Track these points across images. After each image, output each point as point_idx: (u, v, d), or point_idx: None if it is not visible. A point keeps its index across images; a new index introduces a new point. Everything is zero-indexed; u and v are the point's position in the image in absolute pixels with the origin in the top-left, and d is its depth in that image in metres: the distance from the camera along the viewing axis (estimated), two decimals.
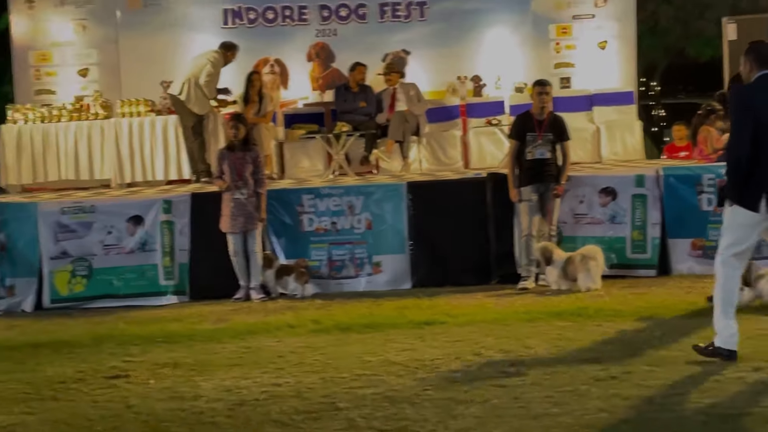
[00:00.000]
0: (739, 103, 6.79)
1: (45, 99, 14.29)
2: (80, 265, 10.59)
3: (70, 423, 6.13)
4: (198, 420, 6.04)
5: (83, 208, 10.74)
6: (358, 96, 13.37)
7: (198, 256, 10.73)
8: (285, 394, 6.53)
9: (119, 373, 7.40)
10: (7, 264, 10.73)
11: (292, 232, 10.91)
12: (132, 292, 10.62)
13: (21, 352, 8.38)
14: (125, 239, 10.67)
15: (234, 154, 10.50)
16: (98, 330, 9.18)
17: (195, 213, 10.78)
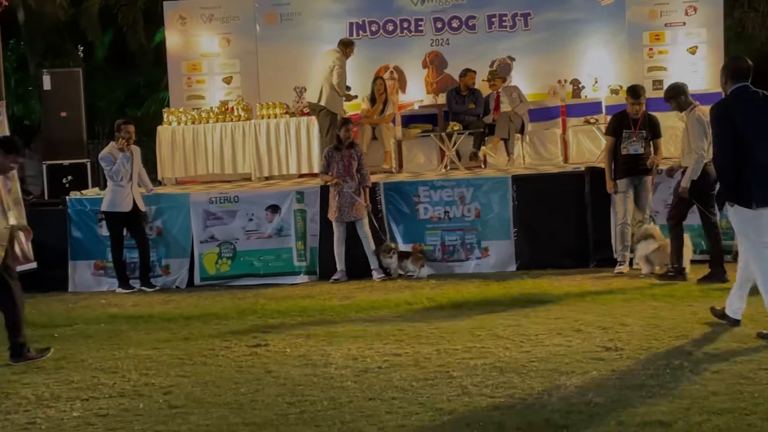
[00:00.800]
0: (717, 115, 6.84)
1: (195, 103, 14.57)
2: (226, 248, 10.80)
3: (218, 385, 6.25)
4: (329, 384, 6.10)
5: (228, 198, 10.94)
6: (467, 98, 13.29)
7: (326, 241, 10.82)
8: (404, 363, 6.54)
9: (260, 342, 7.53)
10: (163, 247, 11.02)
11: (409, 220, 10.92)
12: (270, 272, 10.78)
13: (176, 323, 8.59)
14: (264, 225, 10.84)
15: (341, 153, 10.58)
16: (241, 305, 9.35)
17: (324, 203, 10.87)
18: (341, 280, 10.52)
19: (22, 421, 5.60)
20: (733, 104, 6.84)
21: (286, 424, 5.27)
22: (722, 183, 6.85)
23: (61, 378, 6.63)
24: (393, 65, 14.76)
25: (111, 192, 10.58)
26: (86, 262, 11.09)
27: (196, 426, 5.33)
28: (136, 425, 5.42)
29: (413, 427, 5.07)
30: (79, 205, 11.19)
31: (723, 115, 6.79)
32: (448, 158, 13.03)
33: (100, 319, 8.96)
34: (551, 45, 14.63)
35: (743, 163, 6.68)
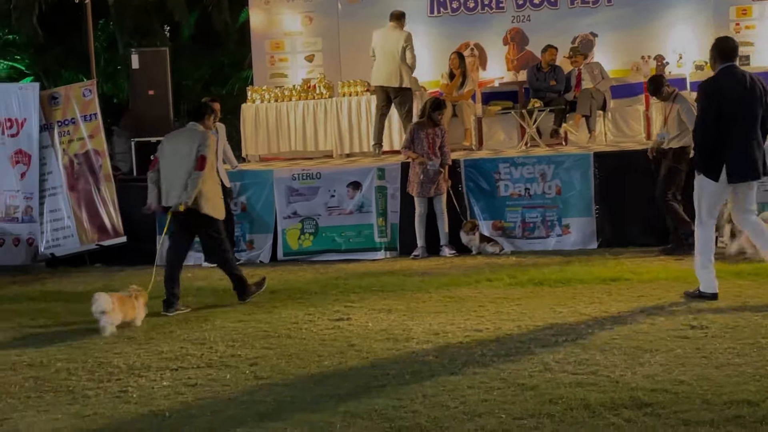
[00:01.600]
0: (706, 92, 7.20)
1: (278, 81, 14.68)
2: (308, 224, 10.89)
3: (302, 357, 6.32)
4: (411, 358, 6.11)
5: (310, 174, 11.02)
6: (548, 75, 13.11)
7: (407, 218, 10.83)
8: (485, 339, 6.52)
9: (342, 316, 7.58)
10: (247, 222, 11.16)
11: (489, 197, 10.86)
12: (351, 247, 10.85)
13: (260, 297, 8.69)
14: (345, 202, 10.91)
15: (425, 131, 10.57)
16: (323, 280, 9.42)
17: (405, 180, 10.87)
18: (421, 257, 10.54)
19: (115, 390, 5.74)
20: (722, 82, 7.18)
21: (368, 397, 5.29)
22: (698, 154, 7.28)
23: (151, 348, 6.78)
24: (473, 42, 14.64)
25: None
26: None
27: (281, 396, 5.40)
28: (224, 395, 5.51)
29: (495, 401, 5.05)
30: None
31: (712, 92, 7.15)
32: (529, 135, 12.90)
33: (187, 291, 9.09)
34: (634, 20, 14.34)
35: (720, 139, 7.08)
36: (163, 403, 5.40)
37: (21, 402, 5.56)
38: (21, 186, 11.51)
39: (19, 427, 5.07)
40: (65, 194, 11.47)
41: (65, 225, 11.42)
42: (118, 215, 11.38)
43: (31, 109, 11.49)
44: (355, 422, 4.86)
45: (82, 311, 8.31)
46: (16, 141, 11.52)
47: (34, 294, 9.41)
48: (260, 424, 4.92)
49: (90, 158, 11.52)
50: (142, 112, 12.94)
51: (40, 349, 6.92)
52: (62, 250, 11.38)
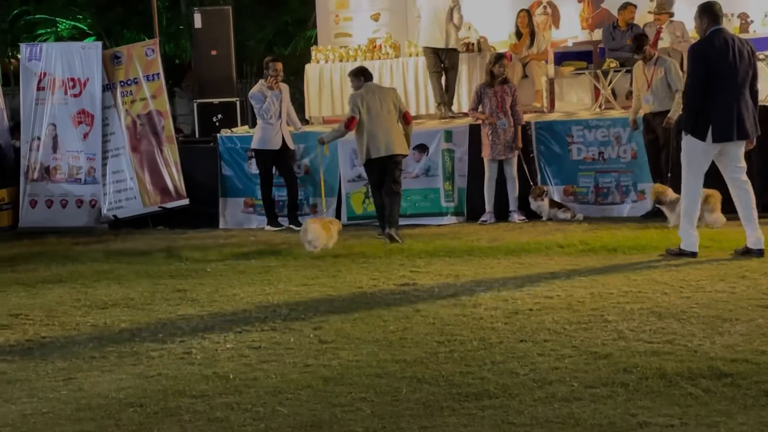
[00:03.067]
0: (695, 54, 7.65)
1: (342, 41, 14.62)
2: None
3: (367, 322, 6.35)
4: (478, 325, 6.11)
5: None
6: (625, 34, 12.84)
7: (474, 182, 10.78)
8: (556, 306, 6.48)
9: (408, 281, 7.60)
10: (311, 185, 11.22)
11: (561, 161, 10.75)
12: (417, 212, 10.83)
13: (323, 261, 8.76)
14: (412, 165, 10.86)
15: (493, 89, 10.47)
16: (388, 244, 9.42)
17: (472, 142, 10.81)
18: (489, 222, 10.49)
19: (179, 351, 5.84)
20: (711, 44, 7.62)
21: (435, 363, 5.31)
22: (687, 114, 7.71)
23: (215, 311, 6.89)
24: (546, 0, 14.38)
25: (260, 130, 10.82)
26: (236, 199, 11.44)
27: (346, 361, 5.44)
28: (288, 358, 5.57)
29: (567, 369, 5.03)
30: (230, 143, 11.51)
31: (702, 55, 7.60)
32: (603, 97, 12.68)
33: (250, 255, 9.24)
34: None
35: (707, 100, 7.52)
36: (227, 365, 5.48)
37: (85, 362, 5.70)
38: (84, 147, 11.72)
39: (84, 386, 5.20)
40: (128, 155, 11.65)
41: (128, 187, 11.61)
42: (180, 177, 11.54)
43: (94, 68, 11.67)
44: (422, 387, 4.88)
45: (145, 273, 8.49)
46: (79, 101, 11.72)
47: (98, 256, 9.60)
48: (325, 388, 4.97)
49: (152, 119, 11.67)
50: (204, 72, 13.04)
51: (104, 311, 7.08)
52: (125, 212, 11.59)
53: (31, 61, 11.85)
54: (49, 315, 6.99)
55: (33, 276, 8.66)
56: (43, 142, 11.77)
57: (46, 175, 11.76)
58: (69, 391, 5.11)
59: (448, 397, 4.72)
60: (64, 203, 11.76)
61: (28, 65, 11.87)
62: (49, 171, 11.76)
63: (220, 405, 4.78)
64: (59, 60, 11.77)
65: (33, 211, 11.73)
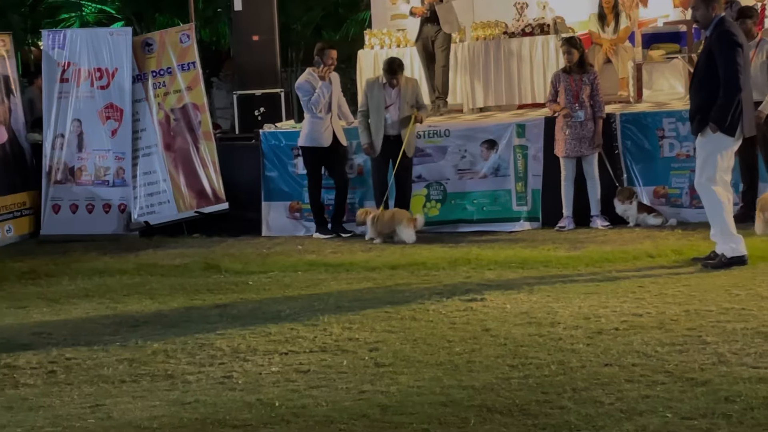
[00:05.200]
0: (734, 42, 7.88)
1: (400, 24, 14.63)
2: (435, 189, 10.90)
3: (429, 343, 6.35)
4: (557, 346, 6.07)
5: (437, 132, 11.02)
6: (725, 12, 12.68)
7: (551, 182, 10.72)
8: (646, 325, 6.43)
9: (475, 296, 7.58)
10: (364, 187, 11.22)
11: (650, 158, 10.64)
12: (485, 217, 10.82)
13: (380, 273, 8.79)
14: (479, 164, 10.86)
15: (570, 77, 10.41)
16: (453, 254, 9.42)
17: (548, 138, 10.75)
18: (568, 228, 10.43)
19: (218, 375, 5.89)
20: (739, 32, 8.06)
21: (508, 389, 5.29)
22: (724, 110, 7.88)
23: (257, 329, 6.94)
24: None
25: (308, 125, 10.87)
26: (281, 203, 11.50)
27: (406, 387, 5.44)
28: (340, 383, 5.59)
29: (659, 398, 4.98)
30: (273, 140, 11.58)
31: (740, 43, 7.91)
32: None
33: (297, 266, 9.29)
34: None
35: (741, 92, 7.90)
36: (272, 390, 5.52)
37: (114, 387, 5.78)
38: (112, 145, 11.88)
39: (113, 414, 5.27)
40: (161, 154, 11.78)
41: (161, 189, 11.73)
42: (219, 179, 11.63)
43: (123, 57, 11.82)
44: (493, 418, 4.87)
45: (180, 286, 8.59)
46: (107, 94, 11.88)
47: (128, 267, 9.72)
48: (383, 417, 4.97)
49: (188, 113, 11.77)
50: (245, 60, 13.16)
51: (135, 329, 7.17)
52: (157, 218, 11.71)
53: (54, 49, 12.03)
54: (75, 334, 7.10)
55: (56, 290, 8.81)
56: (67, 140, 11.93)
57: (71, 177, 11.93)
58: (97, 420, 5.18)
59: (522, 429, 4.70)
60: (91, 208, 11.92)
61: (51, 54, 12.06)
62: (74, 172, 11.92)
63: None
64: (85, 48, 11.93)
65: (56, 217, 11.91)
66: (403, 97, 10.54)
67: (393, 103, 10.53)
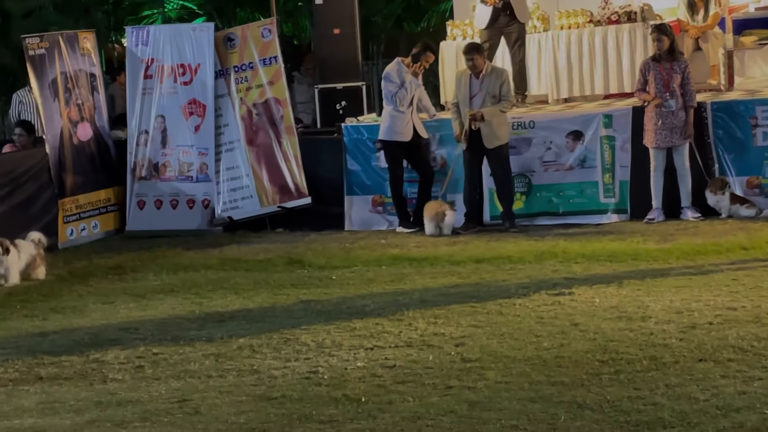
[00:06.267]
0: None
1: None
2: (519, 182, 10.81)
3: (516, 338, 6.32)
4: (649, 341, 6.00)
5: (522, 123, 10.94)
6: None
7: (639, 173, 10.58)
8: (741, 319, 6.33)
9: (563, 290, 7.54)
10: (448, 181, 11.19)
11: (743, 147, 10.45)
12: (571, 209, 10.72)
13: (464, 266, 8.77)
14: (564, 155, 10.76)
15: (660, 65, 10.25)
16: (539, 247, 9.37)
17: (636, 128, 10.61)
18: (657, 220, 10.29)
19: (304, 370, 5.93)
20: None
21: (598, 385, 5.24)
22: None
23: (342, 324, 6.96)
24: None
25: (389, 118, 10.86)
26: (363, 197, 11.52)
27: (493, 383, 5.42)
28: (426, 379, 5.59)
29: (756, 394, 4.90)
30: (356, 134, 11.60)
31: None
32: None
33: (380, 260, 9.30)
34: None
35: None
36: (358, 386, 5.54)
37: (201, 381, 5.85)
38: (195, 140, 12.00)
39: (201, 409, 5.33)
40: (243, 149, 11.87)
41: (243, 185, 11.83)
42: (301, 173, 11.68)
43: (206, 53, 11.93)
44: (583, 414, 4.83)
45: (264, 281, 8.67)
46: (190, 89, 12.00)
47: (212, 262, 9.83)
48: (470, 413, 4.96)
49: (270, 108, 11.85)
50: (326, 54, 13.19)
51: (220, 324, 7.25)
52: (240, 213, 11.81)
53: (137, 46, 12.20)
54: (161, 329, 7.20)
55: (142, 285, 8.94)
56: (151, 137, 12.09)
57: (155, 173, 12.08)
58: (184, 415, 5.25)
59: (614, 426, 4.65)
60: (175, 203, 12.06)
61: (135, 51, 12.23)
62: (158, 168, 12.08)
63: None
64: (168, 44, 12.06)
65: (141, 213, 12.08)
66: (486, 87, 10.47)
67: (477, 94, 10.46)
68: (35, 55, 11.41)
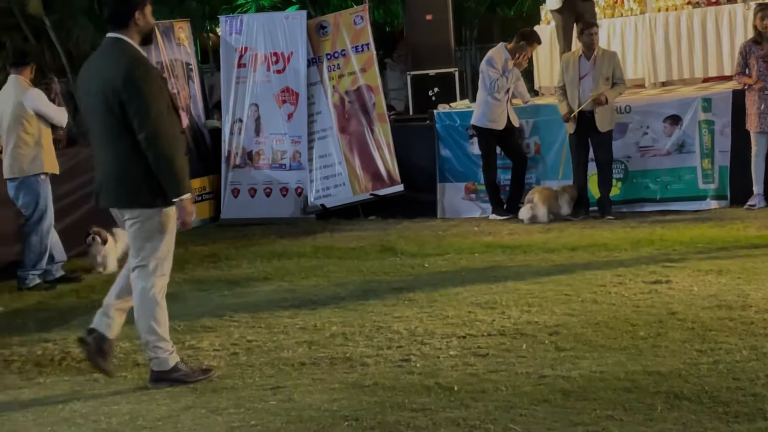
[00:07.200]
0: None
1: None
2: (616, 168, 10.67)
3: (612, 326, 6.25)
4: (749, 330, 5.89)
5: (618, 108, 10.76)
6: None
7: (740, 158, 10.37)
8: None
9: (660, 278, 7.43)
10: (541, 166, 11.12)
11: None
12: (669, 196, 10.59)
13: (558, 254, 8.71)
14: (662, 140, 10.61)
15: (761, 47, 10.03)
16: (635, 234, 9.26)
17: (736, 112, 10.40)
18: (758, 206, 10.09)
19: (396, 358, 5.94)
20: None
21: (696, 375, 5.16)
22: None
23: (435, 312, 6.96)
24: None
25: (484, 105, 10.82)
26: (456, 184, 11.50)
27: (588, 372, 5.37)
28: (519, 367, 5.56)
29: None
30: (448, 120, 11.58)
31: None
32: None
33: (473, 248, 9.28)
34: None
35: None
36: (451, 374, 5.53)
37: (294, 369, 5.90)
38: (288, 128, 12.11)
39: (294, 396, 5.38)
40: (336, 137, 11.94)
41: (336, 172, 11.90)
42: (394, 161, 11.71)
43: (298, 40, 12.02)
44: (681, 405, 4.76)
45: (357, 269, 8.71)
46: (283, 78, 12.11)
47: (305, 250, 9.91)
48: (565, 403, 4.92)
49: (362, 95, 11.89)
50: (418, 40, 13.18)
51: (314, 311, 7.31)
52: (333, 201, 11.89)
53: (231, 35, 12.34)
54: (255, 316, 7.28)
55: (237, 273, 9.06)
56: (245, 125, 12.24)
57: (249, 161, 12.23)
58: (278, 402, 5.30)
59: (713, 417, 4.58)
60: (268, 191, 12.19)
61: (228, 40, 12.37)
62: (252, 156, 12.22)
63: (444, 420, 4.82)
64: (261, 33, 12.18)
65: (235, 201, 12.24)
66: (599, 69, 10.32)
67: (586, 75, 10.31)
68: None
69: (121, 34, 5.61)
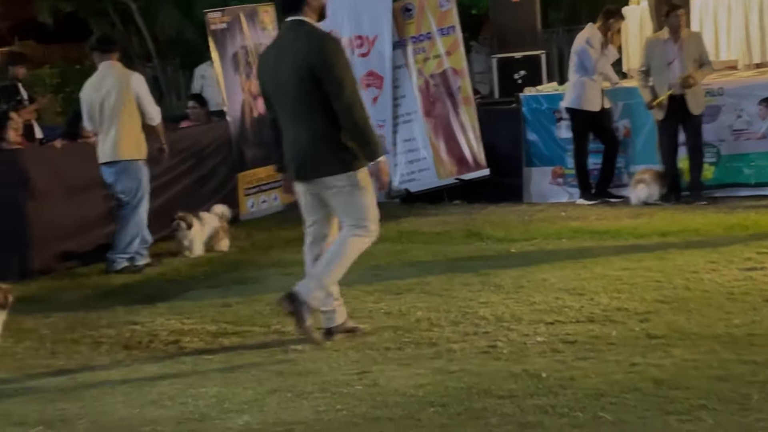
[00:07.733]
0: None
1: None
2: (709, 152, 10.48)
3: (705, 314, 6.19)
4: None
5: (710, 90, 10.58)
6: None
7: None
8: None
9: (755, 265, 7.31)
10: (630, 150, 10.97)
11: None
12: (764, 180, 10.37)
13: (649, 239, 8.60)
14: (756, 123, 10.39)
15: None
16: (728, 219, 9.11)
17: None
18: None
19: (482, 344, 5.91)
20: None
21: None
22: None
23: (521, 298, 6.91)
24: None
25: (580, 86, 10.69)
26: (543, 168, 11.40)
27: (680, 360, 5.29)
28: (609, 355, 5.49)
29: None
30: (535, 103, 11.48)
31: None
32: None
33: (561, 233, 9.20)
34: None
35: None
36: (538, 361, 5.49)
37: (380, 354, 5.90)
38: (373, 112, 11.93)
39: (379, 381, 5.38)
40: (421, 121, 11.89)
41: (421, 156, 11.85)
42: (479, 145, 11.63)
43: (383, 24, 11.98)
44: None
45: (442, 254, 8.69)
46: (367, 61, 12.09)
47: (390, 234, 9.84)
48: (656, 391, 4.85)
49: (447, 79, 11.81)
50: (504, 23, 13.10)
51: (398, 296, 7.30)
52: (418, 186, 11.85)
53: None
54: None
55: None
56: None
57: None
58: (364, 387, 5.30)
59: None
60: None
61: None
62: None
63: (531, 407, 4.78)
64: (346, 16, 12.15)
65: None
66: (686, 52, 10.13)
67: (675, 59, 10.14)
68: (217, 29, 11.70)
69: (300, 15, 5.97)
